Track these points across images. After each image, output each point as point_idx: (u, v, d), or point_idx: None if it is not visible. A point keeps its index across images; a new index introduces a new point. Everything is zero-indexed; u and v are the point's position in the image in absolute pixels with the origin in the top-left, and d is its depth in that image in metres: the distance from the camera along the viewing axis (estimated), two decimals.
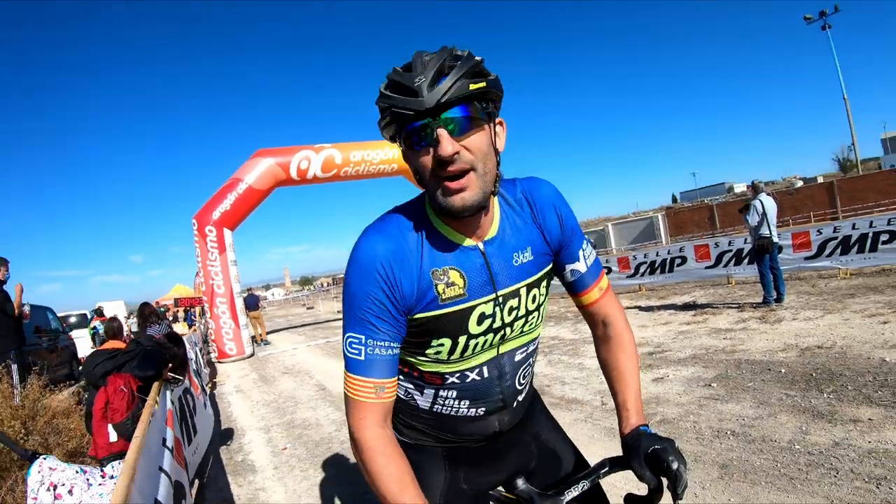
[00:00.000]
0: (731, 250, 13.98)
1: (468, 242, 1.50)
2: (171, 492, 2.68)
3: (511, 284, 1.54)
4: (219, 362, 15.81)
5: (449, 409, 1.68)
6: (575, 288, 1.71)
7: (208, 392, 6.73)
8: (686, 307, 12.14)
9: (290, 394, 10.28)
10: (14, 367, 7.10)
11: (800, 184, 55.16)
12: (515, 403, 1.76)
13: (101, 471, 2.59)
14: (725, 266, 14.13)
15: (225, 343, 16.35)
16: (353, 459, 5.83)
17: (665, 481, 1.43)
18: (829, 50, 41.43)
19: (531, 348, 1.72)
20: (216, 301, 16.39)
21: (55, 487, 2.36)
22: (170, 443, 3.74)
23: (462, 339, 1.52)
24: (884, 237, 11.15)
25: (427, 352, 1.55)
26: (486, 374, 1.63)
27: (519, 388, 1.74)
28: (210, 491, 5.66)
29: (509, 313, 1.56)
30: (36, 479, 2.39)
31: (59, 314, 16.87)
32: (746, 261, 13.54)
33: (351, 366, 1.44)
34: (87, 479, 2.45)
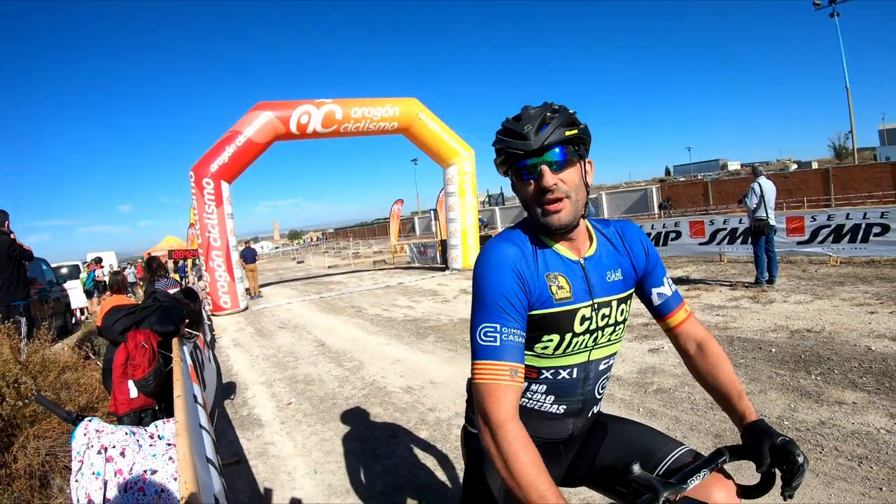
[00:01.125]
0: (725, 229, 14.19)
1: (572, 256, 1.82)
2: (214, 448, 2.84)
3: (605, 296, 1.84)
4: (213, 315, 15.84)
5: (535, 403, 1.92)
6: (662, 311, 1.97)
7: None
8: (679, 281, 12.34)
9: (289, 349, 10.38)
10: (23, 320, 7.06)
11: (794, 167, 55.08)
12: (590, 413, 2.02)
13: (148, 431, 2.59)
14: (719, 244, 14.35)
15: (220, 296, 16.36)
16: (360, 415, 6.06)
17: (777, 474, 1.60)
18: (836, 37, 41.01)
19: (611, 362, 1.98)
20: (212, 254, 16.36)
21: (105, 450, 2.34)
22: (200, 399, 3.91)
23: (568, 336, 1.79)
24: (876, 229, 11.38)
25: (536, 347, 1.80)
26: (574, 375, 1.88)
27: (598, 396, 2.00)
28: (219, 445, 5.78)
29: (602, 319, 1.83)
30: (82, 441, 2.36)
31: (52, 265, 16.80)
32: (740, 240, 13.78)
33: (485, 352, 1.61)
34: (138, 441, 2.44)
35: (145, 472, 2.29)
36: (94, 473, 2.27)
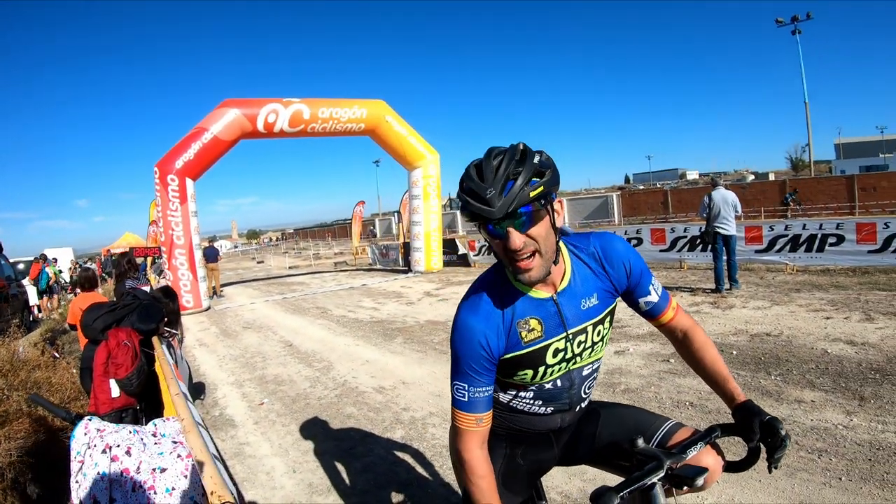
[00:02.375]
0: (685, 237, 14.54)
1: (544, 295, 1.90)
2: (212, 444, 2.88)
3: (579, 324, 1.94)
4: None
5: (524, 405, 2.09)
6: (652, 314, 2.09)
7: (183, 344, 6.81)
8: None
9: (256, 349, 10.35)
10: None
11: (752, 177, 56.40)
12: (579, 408, 2.17)
13: (149, 430, 2.52)
14: (679, 251, 14.69)
15: (182, 296, 16.05)
16: (334, 415, 6.13)
17: (763, 451, 1.79)
18: (796, 53, 42.22)
19: (596, 366, 2.12)
20: (175, 252, 16.17)
21: (110, 449, 2.31)
22: (189, 397, 3.94)
23: (541, 369, 1.95)
24: (831, 240, 11.82)
25: (514, 378, 1.99)
26: (559, 385, 2.04)
27: (584, 396, 2.15)
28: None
29: (578, 346, 1.97)
30: (82, 441, 2.33)
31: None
32: (700, 248, 14.15)
33: (458, 404, 1.92)
34: (142, 439, 2.42)
35: (154, 470, 2.28)
36: (98, 473, 2.23)
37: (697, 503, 3.80)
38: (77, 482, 2.26)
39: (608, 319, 2.03)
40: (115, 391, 4.14)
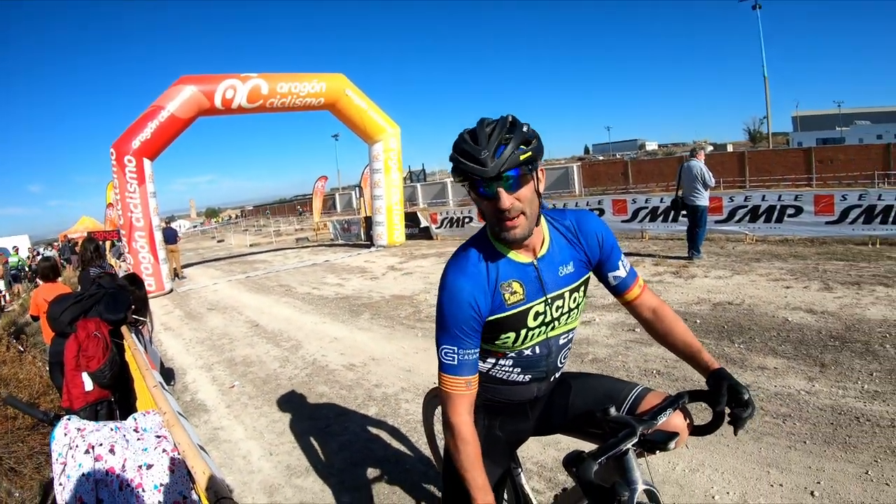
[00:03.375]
0: (647, 207, 14.70)
1: (525, 260, 2.01)
2: (196, 435, 2.88)
3: (558, 289, 2.06)
4: None
5: (503, 373, 2.18)
6: (619, 289, 2.20)
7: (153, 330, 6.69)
8: None
9: (222, 331, 10.26)
10: None
11: (710, 148, 57.01)
12: (553, 378, 2.29)
13: (130, 426, 2.48)
14: (640, 221, 14.85)
15: (144, 279, 15.74)
16: (306, 395, 6.16)
17: (727, 417, 1.89)
18: (756, 27, 42.52)
19: (571, 336, 2.23)
20: (134, 235, 15.85)
21: (93, 448, 2.28)
22: (165, 386, 3.91)
23: (523, 332, 2.05)
24: (790, 211, 12.07)
25: (496, 342, 2.06)
26: (537, 352, 2.14)
27: (559, 365, 2.26)
28: None
29: (556, 310, 2.07)
30: (63, 442, 2.29)
31: None
32: (661, 219, 14.38)
33: (446, 368, 1.97)
34: (124, 436, 2.39)
35: (140, 467, 2.25)
36: (83, 474, 2.19)
37: (668, 469, 3.94)
38: (61, 484, 2.21)
39: (583, 288, 2.15)
40: (89, 384, 4.07)
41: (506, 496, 3.00)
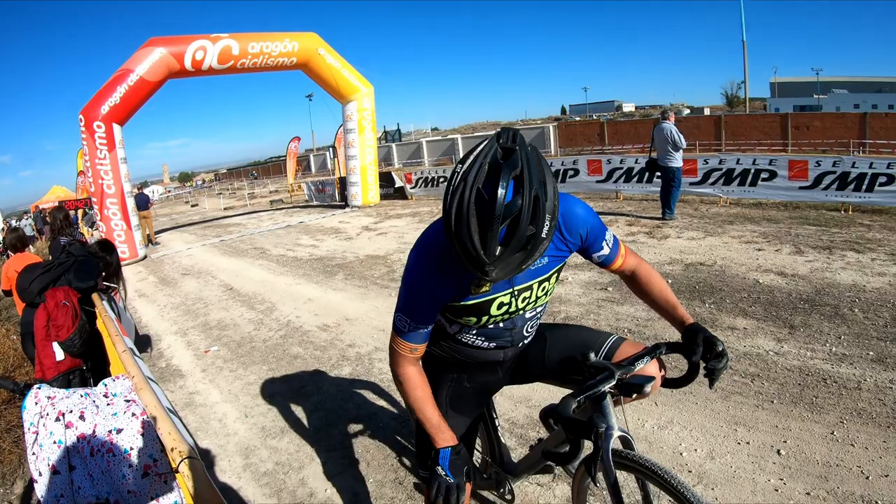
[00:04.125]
0: (622, 168, 14.68)
1: None
2: (165, 398, 2.87)
3: (526, 282, 2.03)
4: None
5: (469, 341, 2.20)
6: (604, 264, 2.21)
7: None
8: None
9: (196, 295, 10.21)
10: None
11: (686, 111, 57.10)
12: (521, 345, 2.30)
13: (100, 391, 2.46)
14: (615, 182, 14.85)
15: (117, 246, 15.53)
16: (281, 356, 6.21)
17: (703, 370, 1.98)
18: None
19: (539, 311, 2.22)
20: (106, 202, 15.56)
21: (63, 416, 2.27)
22: (137, 352, 3.89)
23: (484, 318, 2.08)
24: (764, 175, 12.08)
25: (459, 320, 2.10)
26: (501, 326, 2.15)
27: (526, 335, 2.27)
28: None
29: (522, 301, 2.07)
30: (33, 411, 2.27)
31: None
32: (636, 179, 14.39)
33: (398, 331, 2.05)
34: (94, 402, 2.38)
35: (110, 432, 2.24)
36: (54, 442, 2.17)
37: (637, 425, 4.02)
38: (34, 454, 2.20)
39: (555, 276, 2.13)
40: (60, 354, 4.03)
41: (480, 447, 3.05)
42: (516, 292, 2.01)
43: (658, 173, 11.97)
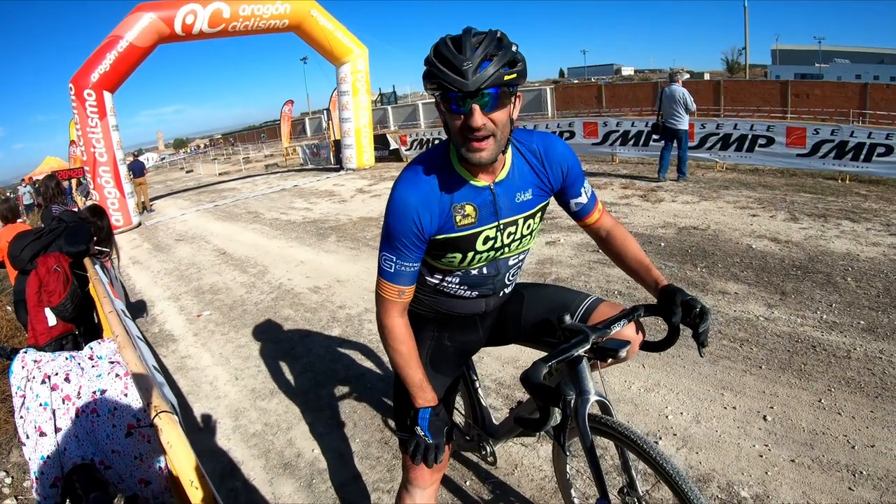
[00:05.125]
0: (618, 131, 14.64)
1: (482, 183, 1.95)
2: (155, 357, 2.88)
3: (512, 216, 2.02)
4: None
5: (450, 289, 2.18)
6: (580, 215, 2.19)
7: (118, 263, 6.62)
8: None
9: (190, 260, 10.19)
10: None
11: (686, 76, 56.80)
12: (502, 293, 2.27)
13: (85, 354, 2.43)
14: (611, 145, 14.80)
15: (111, 214, 15.17)
16: (272, 319, 6.21)
17: (691, 336, 1.92)
18: None
19: (522, 257, 2.20)
20: (99, 170, 15.42)
21: (49, 378, 2.27)
22: (128, 313, 3.89)
23: (470, 254, 2.03)
24: (761, 141, 12.07)
25: (443, 260, 2.05)
26: (484, 272, 2.12)
27: (507, 283, 2.24)
28: None
29: (507, 237, 2.04)
30: (20, 375, 2.27)
31: None
32: (632, 142, 14.38)
33: (383, 274, 1.98)
34: (79, 364, 2.37)
35: (94, 393, 2.25)
36: (41, 405, 2.18)
37: (624, 387, 4.05)
38: (21, 417, 2.21)
39: (539, 215, 2.12)
40: (52, 320, 4.07)
41: (462, 409, 3.06)
42: (502, 226, 2.00)
43: (655, 136, 11.98)
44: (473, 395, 2.90)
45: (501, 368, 4.45)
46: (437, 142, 19.36)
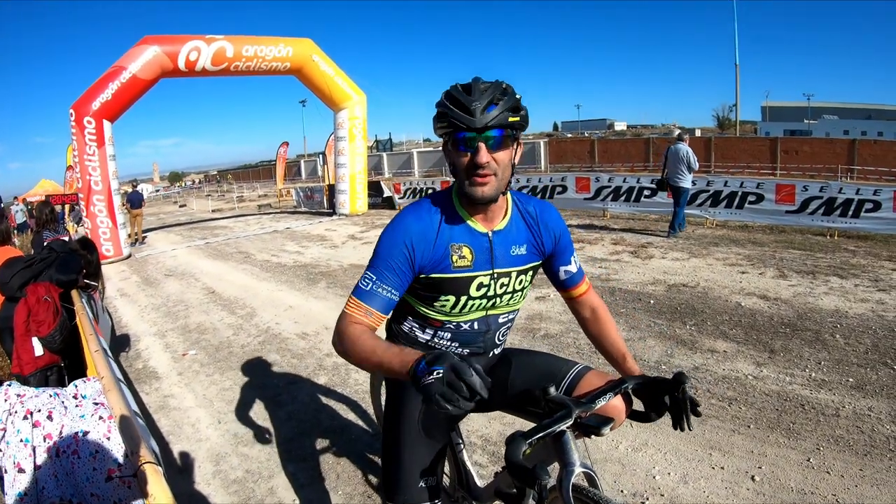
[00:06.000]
0: (609, 186, 14.84)
1: (481, 229, 2.02)
2: (133, 401, 2.83)
3: (506, 267, 2.06)
4: None
5: (441, 346, 2.18)
6: (567, 284, 2.23)
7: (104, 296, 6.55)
8: None
9: (178, 297, 10.11)
10: None
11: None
12: (492, 354, 2.30)
13: (70, 392, 2.39)
14: (603, 200, 14.97)
15: (102, 244, 15.35)
16: (258, 363, 6.14)
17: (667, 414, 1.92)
18: (731, 15, 43.11)
19: (511, 316, 2.24)
20: (93, 198, 15.43)
21: (31, 414, 2.23)
22: (110, 353, 3.85)
23: (463, 299, 2.03)
24: (751, 198, 12.30)
25: (435, 304, 2.06)
26: (475, 327, 2.14)
27: (497, 342, 2.27)
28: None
29: (500, 287, 2.07)
30: (3, 408, 2.24)
31: None
32: (623, 198, 14.56)
33: (357, 291, 1.94)
34: (63, 402, 2.34)
35: (76, 434, 2.21)
36: (21, 440, 2.14)
37: (611, 447, 3.99)
38: (1, 451, 2.18)
39: (531, 273, 2.16)
40: (39, 350, 4.01)
41: (447, 472, 3.01)
42: (496, 274, 2.04)
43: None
44: (458, 457, 2.86)
45: (488, 424, 4.40)
46: (430, 191, 19.60)
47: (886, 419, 4.09)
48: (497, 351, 2.33)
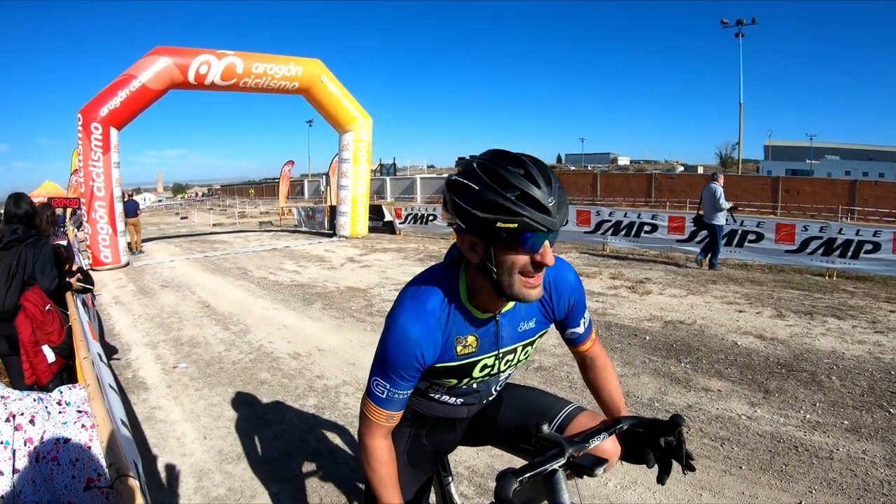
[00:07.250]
0: (610, 221, 14.91)
1: (487, 316, 1.84)
2: (122, 410, 2.80)
3: (512, 344, 1.95)
4: (93, 270, 14.76)
5: (436, 395, 2.11)
6: (574, 343, 2.13)
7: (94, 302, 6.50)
8: None
9: (172, 309, 10.08)
10: None
11: (681, 169, 58.12)
12: (486, 402, 2.24)
13: (54, 398, 2.31)
14: (603, 234, 15.02)
15: (101, 250, 15.51)
16: (248, 381, 6.10)
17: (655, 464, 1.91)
18: (736, 53, 43.59)
19: (512, 372, 2.14)
20: (94, 204, 15.47)
21: (14, 417, 2.17)
22: (104, 357, 3.82)
23: (465, 379, 1.96)
24: (751, 237, 12.39)
25: (436, 380, 1.97)
26: (475, 387, 2.07)
27: (494, 393, 2.20)
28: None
29: (505, 363, 1.99)
30: None
31: None
32: (623, 233, 14.62)
33: (373, 398, 1.85)
34: (46, 408, 2.27)
35: (57, 440, 2.18)
36: (1, 443, 2.13)
37: (600, 485, 3.93)
38: None
39: (537, 341, 2.06)
40: (51, 356, 4.04)
41: (433, 503, 2.97)
42: (501, 354, 1.93)
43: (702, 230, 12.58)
44: (445, 489, 2.82)
45: (476, 455, 4.35)
46: (431, 217, 19.52)
47: (881, 463, 4.05)
48: (492, 398, 2.25)
